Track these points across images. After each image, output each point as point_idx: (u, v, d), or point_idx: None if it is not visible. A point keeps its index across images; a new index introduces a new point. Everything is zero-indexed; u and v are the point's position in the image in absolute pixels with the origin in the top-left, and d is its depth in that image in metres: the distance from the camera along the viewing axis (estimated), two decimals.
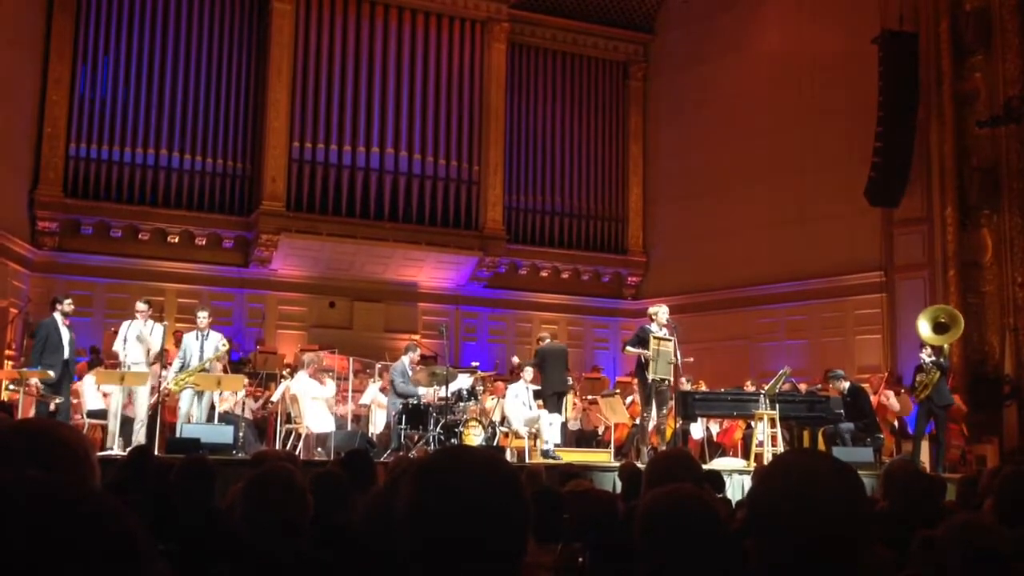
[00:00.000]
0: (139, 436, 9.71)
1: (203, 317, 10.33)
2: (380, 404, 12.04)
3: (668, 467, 3.08)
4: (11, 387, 10.54)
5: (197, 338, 10.21)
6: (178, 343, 11.24)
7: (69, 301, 10.04)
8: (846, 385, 11.60)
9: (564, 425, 12.40)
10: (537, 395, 11.88)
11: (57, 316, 9.78)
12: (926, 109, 13.75)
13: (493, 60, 16.91)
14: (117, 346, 10.12)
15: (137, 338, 10.01)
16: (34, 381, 9.58)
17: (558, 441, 11.28)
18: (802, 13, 16.01)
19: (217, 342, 10.25)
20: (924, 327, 11.68)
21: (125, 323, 10.28)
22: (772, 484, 1.65)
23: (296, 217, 15.12)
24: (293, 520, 2.83)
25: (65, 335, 9.76)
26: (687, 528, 1.95)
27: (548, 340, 12.65)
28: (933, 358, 11.17)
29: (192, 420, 9.95)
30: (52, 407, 9.80)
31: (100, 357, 12.74)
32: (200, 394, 10.05)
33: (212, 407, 10.56)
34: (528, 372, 11.94)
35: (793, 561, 1.57)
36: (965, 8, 13.45)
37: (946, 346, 11.64)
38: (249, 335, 15.09)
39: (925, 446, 11.46)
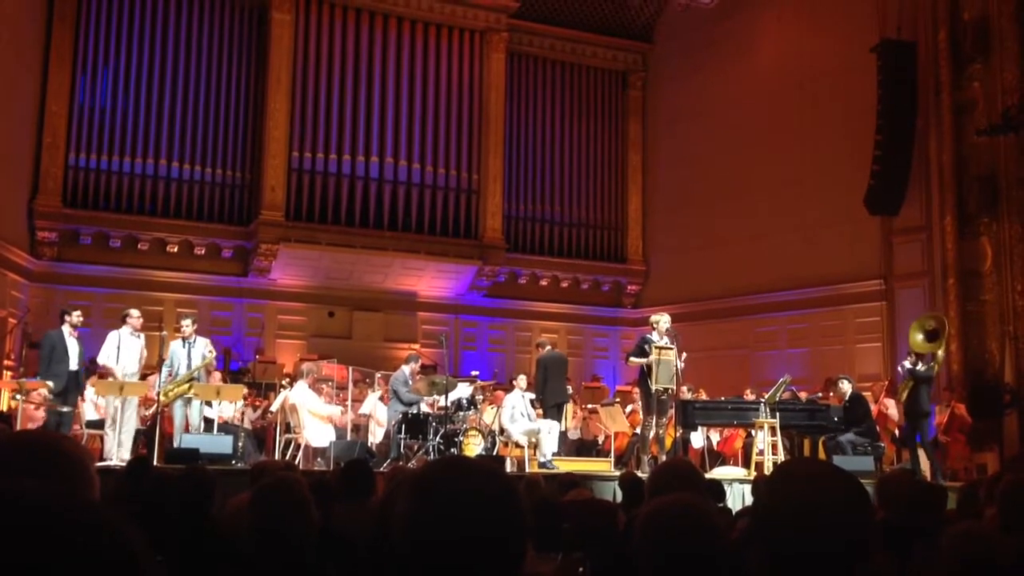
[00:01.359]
0: (126, 446, 9.65)
1: (187, 325, 10.21)
2: (380, 423, 12.01)
3: (671, 477, 3.07)
4: (18, 397, 10.53)
5: (184, 346, 10.12)
6: None
7: (78, 313, 9.98)
8: (848, 391, 11.58)
9: (564, 434, 12.40)
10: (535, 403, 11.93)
11: (65, 328, 9.75)
12: (925, 118, 13.78)
13: (492, 69, 16.95)
14: (107, 359, 9.94)
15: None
16: (44, 391, 9.57)
17: (555, 449, 11.24)
18: (801, 23, 16.05)
19: (204, 349, 10.17)
20: (917, 336, 11.68)
21: (113, 333, 10.14)
22: (775, 492, 1.65)
23: (295, 227, 15.13)
24: (299, 531, 2.82)
25: (73, 347, 9.73)
26: (686, 538, 1.94)
27: (548, 348, 12.64)
28: (913, 366, 11.15)
29: (191, 429, 9.92)
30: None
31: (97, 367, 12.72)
32: (188, 401, 9.99)
33: (209, 417, 10.53)
34: (523, 380, 11.92)
35: (795, 569, 1.56)
36: (963, 17, 13.48)
37: (939, 353, 11.62)
38: (248, 345, 15.09)
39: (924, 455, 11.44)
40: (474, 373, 14.57)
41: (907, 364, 11.25)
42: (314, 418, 11.12)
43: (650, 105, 18.64)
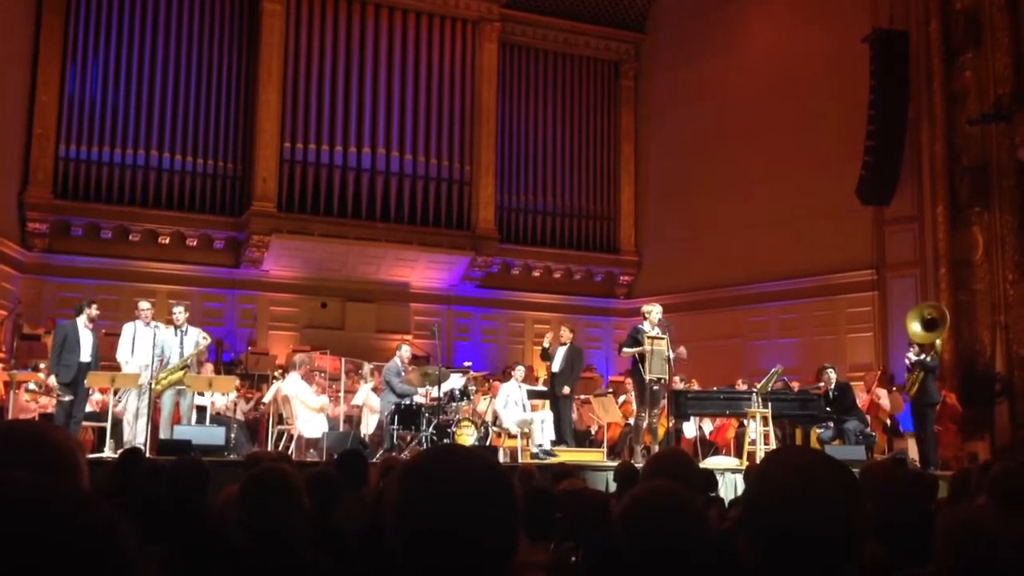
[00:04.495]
0: (141, 436, 9.60)
1: (179, 312, 10.11)
2: (372, 408, 12.00)
3: (666, 467, 3.07)
4: (31, 387, 10.53)
5: (176, 334, 10.03)
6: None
7: (95, 306, 9.97)
8: (834, 379, 11.60)
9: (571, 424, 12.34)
10: (542, 395, 11.95)
11: (80, 320, 9.71)
12: (917, 108, 13.78)
13: (484, 60, 16.90)
14: (123, 354, 9.87)
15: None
16: (52, 382, 9.55)
17: (553, 438, 11.23)
18: (793, 13, 16.04)
19: (197, 336, 10.10)
20: (914, 326, 11.71)
21: (128, 326, 10.05)
22: (766, 479, 1.65)
23: (287, 218, 15.09)
24: (290, 523, 2.81)
25: (87, 339, 9.68)
26: (663, 527, 1.93)
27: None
28: (918, 357, 11.20)
29: (182, 421, 9.89)
30: (52, 408, 9.81)
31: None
32: (181, 392, 9.93)
33: (201, 408, 10.49)
34: (520, 372, 11.92)
35: (785, 557, 1.56)
36: (955, 7, 13.48)
37: (938, 343, 11.65)
38: (240, 336, 15.06)
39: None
40: (467, 364, 14.57)
41: (912, 356, 11.26)
42: (307, 409, 11.11)
43: (642, 95, 18.61)
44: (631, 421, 11.54)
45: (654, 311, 10.73)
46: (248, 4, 15.83)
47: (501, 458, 10.49)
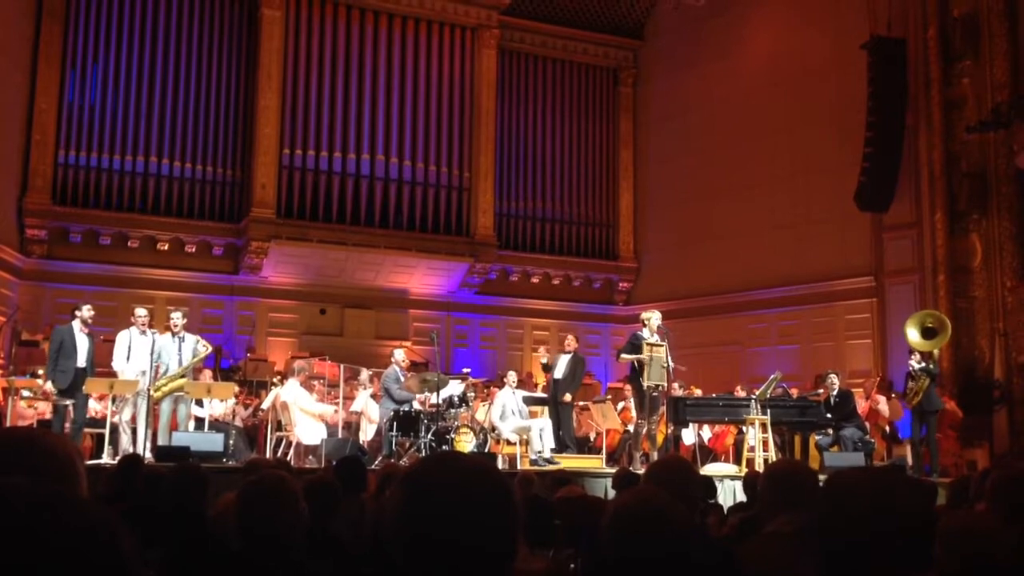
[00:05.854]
0: (140, 442, 9.57)
1: (178, 318, 10.01)
2: (371, 420, 11.95)
3: (666, 473, 3.06)
4: (27, 393, 10.50)
5: (173, 340, 9.96)
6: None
7: (89, 308, 9.87)
8: (837, 386, 11.61)
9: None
10: (541, 401, 11.90)
11: (75, 324, 9.66)
12: (915, 115, 13.81)
13: (483, 66, 16.92)
14: (118, 362, 9.81)
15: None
16: (49, 387, 9.53)
17: (553, 446, 11.21)
18: (791, 19, 16.08)
19: (195, 344, 10.04)
20: (912, 333, 11.70)
21: (123, 333, 9.97)
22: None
23: (286, 224, 15.09)
24: (288, 529, 2.80)
25: (83, 343, 9.63)
26: (647, 535, 1.93)
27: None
28: (922, 364, 11.20)
29: (178, 428, 9.87)
30: (49, 415, 9.78)
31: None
32: (179, 399, 9.89)
33: (199, 417, 10.46)
34: (512, 378, 11.89)
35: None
36: (953, 14, 13.51)
37: (936, 351, 11.65)
38: (239, 343, 15.04)
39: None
40: (466, 370, 14.54)
41: (915, 364, 11.22)
42: (305, 416, 11.09)
43: (641, 102, 18.64)
44: (630, 428, 11.52)
45: (653, 318, 10.72)
46: (248, 11, 15.85)
47: (500, 465, 10.46)
